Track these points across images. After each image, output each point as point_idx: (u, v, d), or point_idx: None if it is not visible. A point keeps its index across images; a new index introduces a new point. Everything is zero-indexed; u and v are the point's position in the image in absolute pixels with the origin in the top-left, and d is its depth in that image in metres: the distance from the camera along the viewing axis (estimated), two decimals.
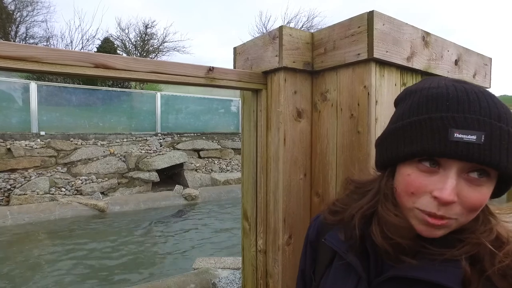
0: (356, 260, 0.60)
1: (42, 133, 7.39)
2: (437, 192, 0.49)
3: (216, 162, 9.25)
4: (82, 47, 19.47)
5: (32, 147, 6.94)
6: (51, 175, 6.87)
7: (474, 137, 0.47)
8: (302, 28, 24.77)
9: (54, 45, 18.29)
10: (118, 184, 7.49)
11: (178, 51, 23.83)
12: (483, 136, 0.47)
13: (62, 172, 7.09)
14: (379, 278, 0.57)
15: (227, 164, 9.33)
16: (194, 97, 9.97)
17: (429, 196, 0.50)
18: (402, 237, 0.55)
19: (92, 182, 7.16)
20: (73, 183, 6.95)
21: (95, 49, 19.81)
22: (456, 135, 0.48)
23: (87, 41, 19.52)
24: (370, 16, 1.01)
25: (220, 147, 9.56)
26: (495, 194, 0.54)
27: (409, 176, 0.53)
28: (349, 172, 1.09)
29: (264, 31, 24.55)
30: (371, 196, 0.63)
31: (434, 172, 0.51)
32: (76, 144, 7.58)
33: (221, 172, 9.01)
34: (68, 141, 7.52)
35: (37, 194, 6.34)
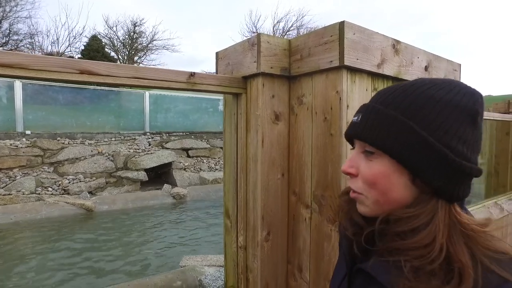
0: (346, 246, 0.65)
1: (28, 132, 7.29)
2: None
3: (205, 161, 9.27)
4: (69, 44, 19.18)
5: (17, 146, 6.84)
6: (37, 175, 6.79)
7: (356, 117, 0.60)
8: (292, 27, 24.89)
9: (39, 42, 17.95)
10: (106, 183, 7.44)
11: (167, 49, 23.71)
12: (360, 116, 0.58)
13: (48, 172, 7.01)
14: (353, 268, 0.62)
15: (216, 163, 9.36)
16: (183, 96, 9.97)
17: None
18: (351, 219, 0.63)
19: (80, 181, 7.10)
20: (60, 182, 6.88)
21: (82, 47, 19.55)
22: (353, 118, 0.61)
23: (74, 38, 19.24)
24: (341, 26, 1.08)
25: (209, 146, 9.58)
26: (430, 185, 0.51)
27: None
28: (323, 172, 1.16)
29: (254, 30, 24.58)
30: None
31: None
32: (63, 143, 7.50)
33: (210, 171, 9.03)
34: (55, 140, 7.44)
35: (23, 194, 6.27)
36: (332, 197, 1.13)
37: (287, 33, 24.71)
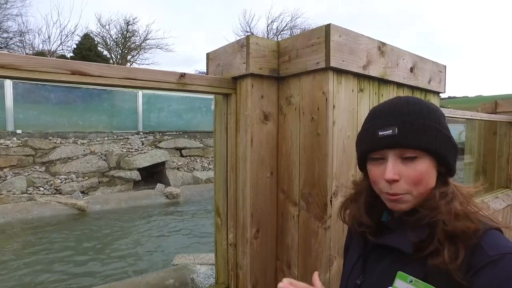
0: (360, 234, 0.79)
1: (19, 131, 7.21)
2: (385, 176, 0.68)
3: (198, 160, 9.27)
4: (61, 43, 18.99)
5: (7, 145, 6.77)
6: (28, 175, 6.72)
7: (390, 131, 0.68)
8: (286, 27, 24.97)
9: (30, 40, 17.73)
10: (99, 183, 7.40)
11: (160, 48, 23.59)
12: (396, 129, 0.67)
13: (40, 172, 6.95)
14: (367, 247, 0.77)
15: (209, 162, 9.36)
16: (176, 95, 9.94)
17: (383, 181, 0.69)
18: (360, 221, 0.77)
19: (72, 181, 7.05)
20: (52, 182, 6.82)
21: (75, 45, 19.37)
22: (380, 133, 0.69)
23: (66, 37, 19.06)
24: (327, 28, 1.11)
25: (202, 145, 9.57)
26: (447, 169, 0.69)
27: (370, 171, 0.73)
28: (310, 171, 1.20)
29: (248, 30, 24.58)
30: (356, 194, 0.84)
31: (381, 163, 0.70)
32: (55, 143, 7.44)
33: (203, 170, 9.03)
34: (47, 139, 7.38)
35: (14, 194, 6.21)
36: (319, 195, 1.16)
37: (281, 33, 24.76)
